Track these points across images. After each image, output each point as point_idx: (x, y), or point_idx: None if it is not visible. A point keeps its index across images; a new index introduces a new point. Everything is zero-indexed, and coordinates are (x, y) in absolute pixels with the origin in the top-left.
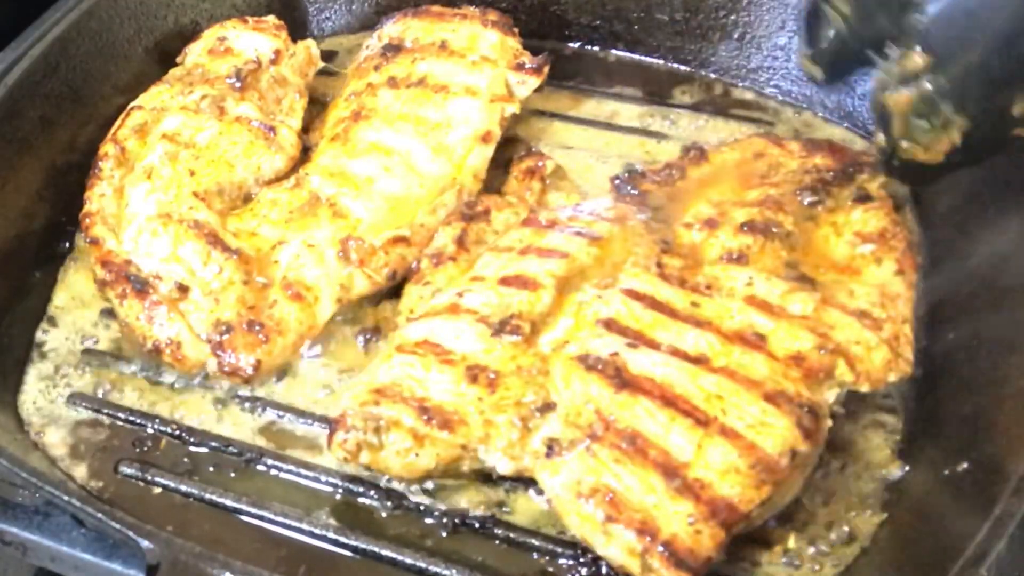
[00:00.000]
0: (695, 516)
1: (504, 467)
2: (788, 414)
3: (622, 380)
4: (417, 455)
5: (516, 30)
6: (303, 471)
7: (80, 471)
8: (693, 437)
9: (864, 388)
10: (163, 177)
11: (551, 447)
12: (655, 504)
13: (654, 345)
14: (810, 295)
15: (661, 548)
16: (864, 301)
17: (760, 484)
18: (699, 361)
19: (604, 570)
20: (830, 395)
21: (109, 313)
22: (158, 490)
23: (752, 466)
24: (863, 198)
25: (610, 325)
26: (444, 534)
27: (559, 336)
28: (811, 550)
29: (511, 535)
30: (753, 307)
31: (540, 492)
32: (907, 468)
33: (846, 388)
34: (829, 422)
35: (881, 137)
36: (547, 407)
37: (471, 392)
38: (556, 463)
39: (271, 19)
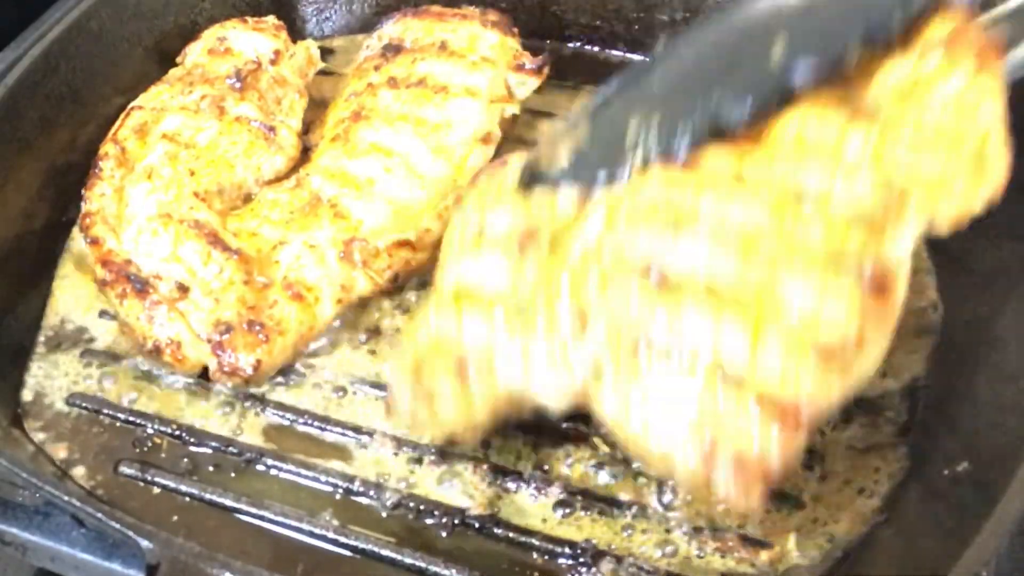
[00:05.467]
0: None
1: (556, 402)
2: (849, 274)
3: (662, 282)
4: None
5: (516, 30)
6: (303, 471)
7: (80, 471)
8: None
9: (950, 216)
10: (163, 177)
11: (596, 374)
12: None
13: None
14: (870, 126)
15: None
16: (934, 126)
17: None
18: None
19: (604, 570)
20: (907, 235)
21: (109, 313)
22: (158, 490)
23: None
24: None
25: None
26: (444, 534)
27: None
28: (810, 550)
29: (511, 535)
30: (803, 159)
31: (539, 492)
32: (907, 468)
33: (922, 226)
34: (905, 274)
35: None
36: (583, 325)
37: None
38: (601, 390)
39: (271, 19)
